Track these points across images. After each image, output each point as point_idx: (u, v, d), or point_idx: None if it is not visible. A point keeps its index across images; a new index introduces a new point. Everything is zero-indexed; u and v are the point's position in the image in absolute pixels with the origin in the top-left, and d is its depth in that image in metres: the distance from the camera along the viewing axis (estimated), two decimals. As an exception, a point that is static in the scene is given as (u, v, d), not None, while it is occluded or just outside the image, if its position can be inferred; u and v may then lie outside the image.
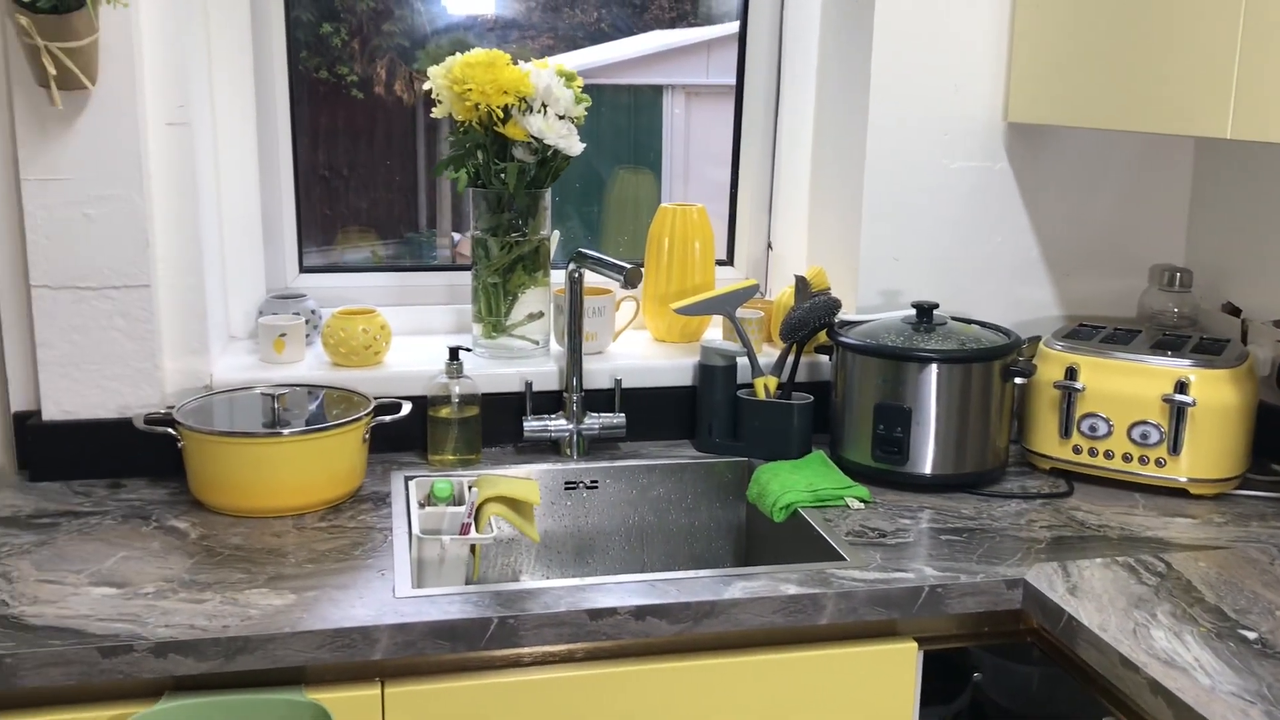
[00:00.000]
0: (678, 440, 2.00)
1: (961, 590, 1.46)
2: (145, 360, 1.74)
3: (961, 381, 1.75)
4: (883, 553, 1.55)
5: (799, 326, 1.88)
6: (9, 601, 1.35)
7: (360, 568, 1.46)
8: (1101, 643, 1.32)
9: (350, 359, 1.89)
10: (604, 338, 2.03)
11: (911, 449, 1.76)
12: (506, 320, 1.98)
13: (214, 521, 1.60)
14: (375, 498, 1.71)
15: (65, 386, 1.73)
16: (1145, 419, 1.74)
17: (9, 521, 1.59)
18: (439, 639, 1.33)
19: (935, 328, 1.80)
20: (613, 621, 1.38)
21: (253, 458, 1.59)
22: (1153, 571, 1.50)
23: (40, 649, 1.24)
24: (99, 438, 1.74)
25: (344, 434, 1.66)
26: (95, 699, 1.29)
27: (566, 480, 1.88)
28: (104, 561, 1.46)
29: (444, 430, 1.85)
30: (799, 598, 1.42)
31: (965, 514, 1.69)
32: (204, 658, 1.27)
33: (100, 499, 1.67)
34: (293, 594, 1.38)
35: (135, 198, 1.68)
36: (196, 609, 1.34)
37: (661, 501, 1.91)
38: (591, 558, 1.91)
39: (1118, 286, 2.13)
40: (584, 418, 1.91)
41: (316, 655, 1.30)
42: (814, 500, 1.71)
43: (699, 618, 1.40)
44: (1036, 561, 1.52)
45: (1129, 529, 1.65)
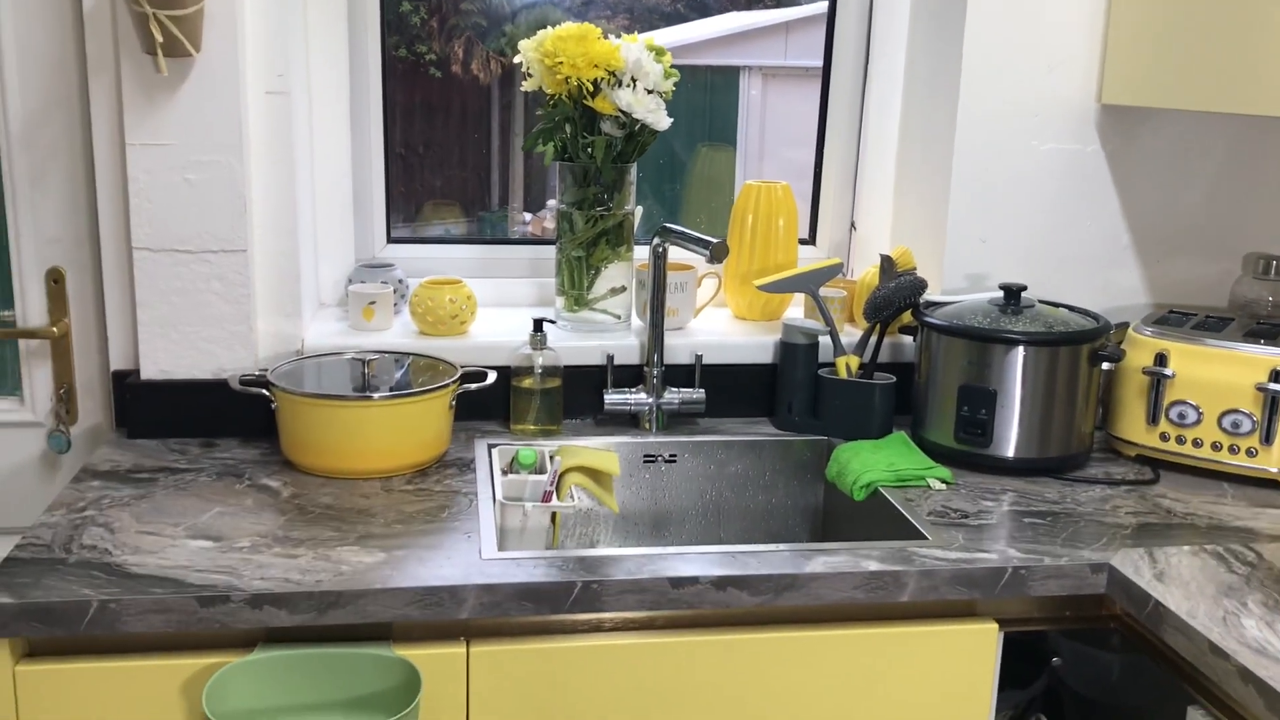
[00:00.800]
0: (756, 418, 2.00)
1: (1045, 573, 1.45)
2: (240, 323, 1.78)
3: (1048, 365, 1.73)
4: (965, 533, 1.54)
5: (883, 306, 1.87)
6: (111, 550, 1.40)
7: (447, 530, 1.49)
8: (1190, 629, 1.30)
9: (437, 328, 1.92)
10: (685, 314, 2.04)
11: (995, 431, 1.74)
12: (589, 294, 2.00)
13: (305, 481, 1.64)
14: (460, 463, 1.74)
15: (163, 347, 1.78)
16: (1237, 408, 1.71)
17: (109, 475, 1.64)
18: (524, 600, 1.35)
19: (1022, 310, 1.78)
20: (694, 590, 1.39)
21: (343, 420, 1.63)
22: (1243, 561, 1.47)
23: (142, 596, 1.28)
24: (194, 397, 1.79)
25: (431, 400, 1.69)
26: (192, 647, 1.33)
27: (645, 453, 1.89)
28: (200, 516, 1.51)
29: (526, 400, 1.87)
30: (880, 574, 1.42)
31: (1049, 498, 1.67)
32: (297, 611, 1.31)
33: (195, 457, 1.72)
34: (382, 552, 1.41)
35: (235, 164, 1.72)
36: (290, 563, 1.37)
37: (739, 478, 1.92)
38: (668, 531, 1.92)
39: (1210, 274, 2.09)
40: (664, 392, 1.93)
41: (405, 612, 1.33)
42: (895, 480, 1.71)
43: (779, 590, 1.40)
44: (1122, 547, 1.51)
45: (1217, 518, 1.62)
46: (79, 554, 1.38)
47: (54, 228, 1.85)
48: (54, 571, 1.33)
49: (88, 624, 1.27)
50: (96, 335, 1.88)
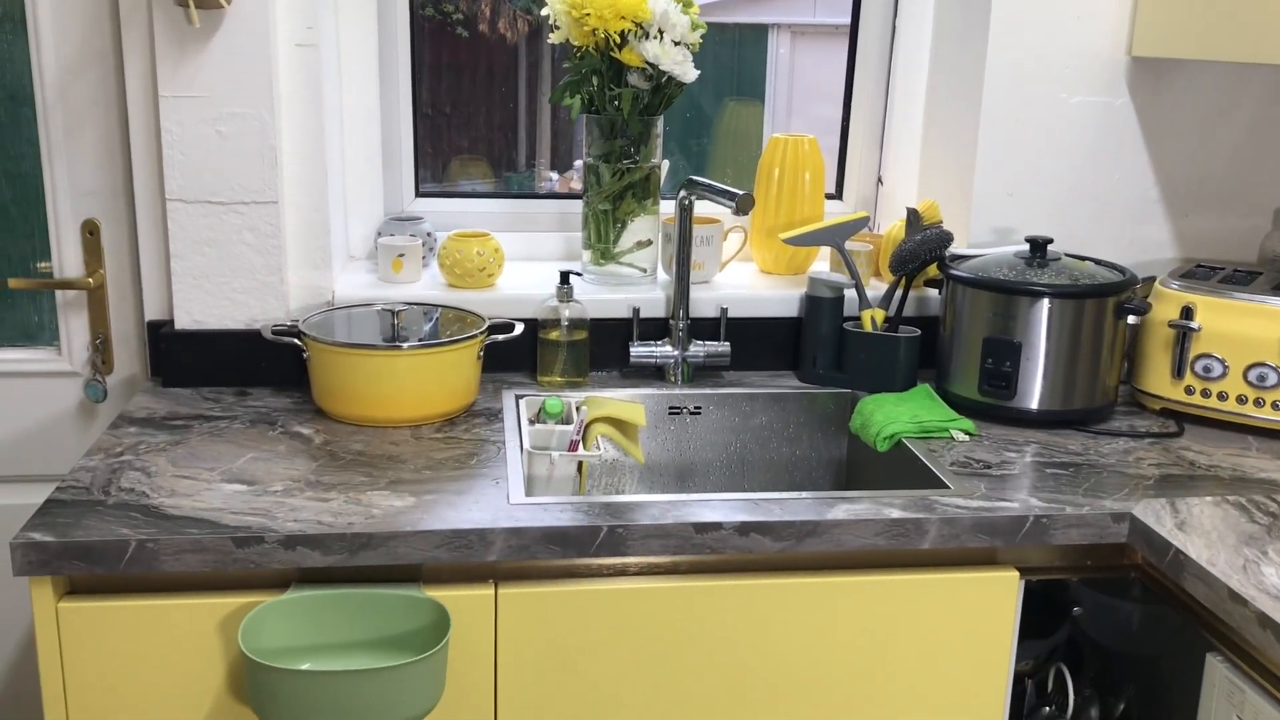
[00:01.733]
0: (781, 371, 2.01)
1: (1066, 521, 1.46)
2: (272, 274, 1.81)
3: (1073, 317, 1.73)
4: (987, 483, 1.55)
5: (909, 258, 1.88)
6: (149, 493, 1.43)
7: (476, 476, 1.52)
8: (1210, 576, 1.31)
9: (465, 280, 1.94)
10: (711, 267, 2.05)
11: (1019, 384, 1.75)
12: (615, 247, 2.01)
13: (336, 429, 1.67)
14: (488, 413, 1.76)
15: (196, 297, 1.81)
16: (1263, 361, 1.71)
17: (144, 422, 1.68)
18: (551, 544, 1.38)
19: (1048, 263, 1.78)
20: (717, 536, 1.41)
21: (374, 369, 1.66)
22: (1265, 511, 1.48)
23: (179, 536, 1.32)
24: (227, 347, 1.82)
25: (460, 350, 1.71)
26: (228, 587, 1.37)
27: (670, 405, 1.91)
28: (234, 461, 1.54)
29: (553, 352, 1.89)
30: (902, 521, 1.43)
31: (1072, 449, 1.68)
32: (329, 552, 1.34)
33: (229, 405, 1.76)
34: (412, 497, 1.44)
35: (265, 116, 1.74)
36: (322, 506, 1.41)
37: (763, 430, 1.94)
38: (693, 482, 1.94)
39: (1239, 229, 2.08)
40: (689, 345, 1.94)
41: (435, 554, 1.36)
42: (918, 431, 1.72)
43: (802, 536, 1.42)
44: (1144, 498, 1.52)
45: (1241, 470, 1.63)
46: (117, 496, 1.42)
47: (89, 180, 1.88)
48: (94, 513, 1.37)
49: (127, 563, 1.31)
50: (131, 286, 1.92)
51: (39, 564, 1.30)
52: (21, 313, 1.97)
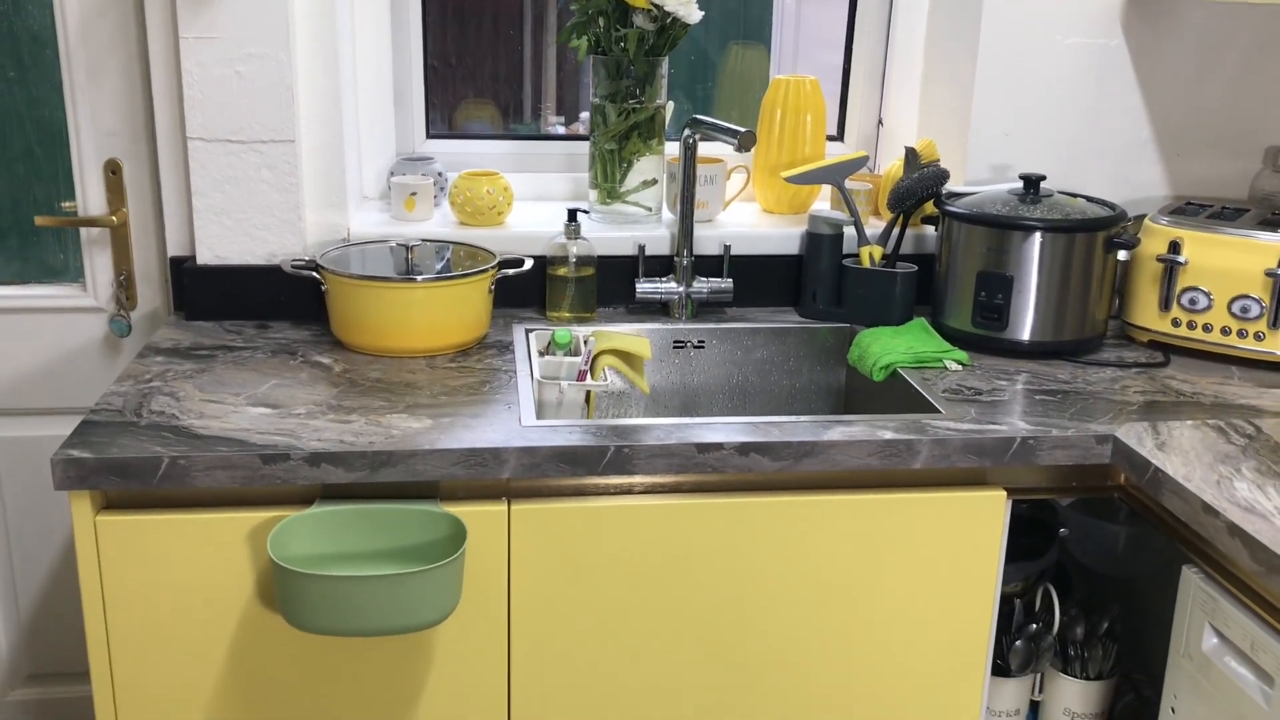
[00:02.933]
0: (783, 307, 2.08)
1: (1052, 443, 1.53)
2: (290, 212, 1.87)
3: (1064, 251, 1.79)
4: (977, 408, 1.62)
5: (907, 195, 1.94)
6: (178, 415, 1.51)
7: (489, 401, 1.59)
8: (1185, 491, 1.38)
9: (475, 218, 2.00)
10: (714, 206, 2.11)
11: (1011, 316, 1.82)
12: (621, 187, 2.07)
13: (354, 359, 1.74)
14: (499, 345, 1.83)
15: (217, 233, 1.87)
16: (1247, 293, 1.77)
17: (170, 352, 1.75)
18: (561, 462, 1.45)
19: (1041, 199, 1.84)
20: (718, 455, 1.48)
21: (390, 301, 1.72)
22: (1242, 434, 1.55)
23: (209, 454, 1.39)
24: (248, 282, 1.89)
25: (472, 283, 1.77)
26: (255, 503, 1.44)
27: (675, 339, 1.98)
28: (258, 387, 1.61)
29: (561, 288, 1.96)
30: (895, 442, 1.51)
31: (1061, 378, 1.75)
32: (352, 468, 1.42)
33: (250, 336, 1.83)
34: (429, 419, 1.52)
35: (282, 56, 1.80)
36: (344, 427, 1.48)
37: (765, 363, 2.01)
38: (696, 412, 2.02)
39: (1231, 169, 2.13)
40: (693, 281, 2.00)
41: (451, 471, 1.43)
42: (913, 361, 1.79)
43: (799, 456, 1.50)
44: (1127, 421, 1.58)
45: (1223, 397, 1.70)
46: (149, 418, 1.49)
47: (111, 121, 1.94)
48: (127, 432, 1.44)
49: (160, 478, 1.38)
50: (153, 224, 1.98)
51: (78, 479, 1.37)
52: (47, 251, 2.04)
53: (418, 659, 1.49)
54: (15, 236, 2.03)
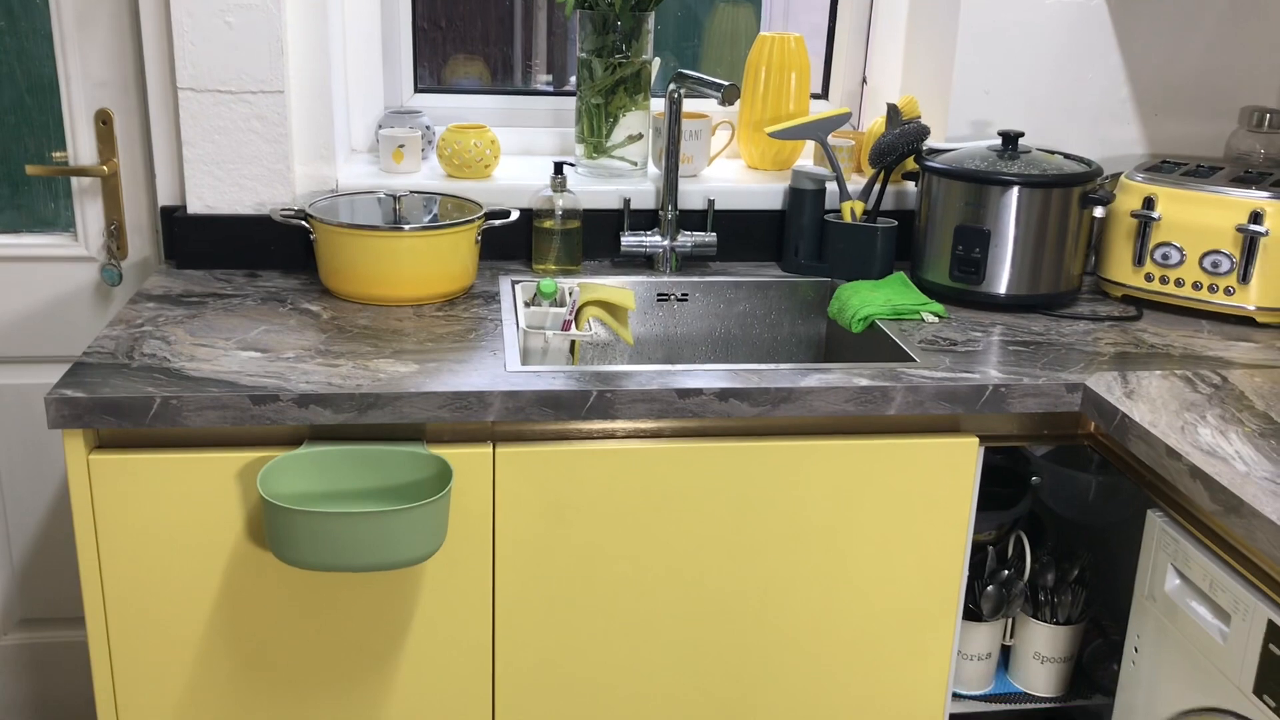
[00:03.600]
0: (765, 261, 2.11)
1: (1024, 391, 1.57)
2: (279, 162, 1.90)
3: (1041, 206, 1.83)
4: (952, 358, 1.66)
5: (888, 151, 1.97)
6: (170, 358, 1.54)
7: (475, 348, 1.62)
8: (1150, 436, 1.43)
9: (462, 170, 2.02)
10: (699, 161, 2.14)
11: (988, 269, 1.85)
12: (607, 141, 2.09)
13: (342, 307, 1.77)
14: (485, 296, 1.86)
15: (208, 183, 1.90)
16: (1218, 248, 1.81)
17: (161, 299, 1.77)
18: (544, 407, 1.49)
19: (1019, 155, 1.87)
20: (698, 401, 1.52)
21: (378, 250, 1.75)
22: (1208, 383, 1.59)
23: (200, 394, 1.43)
24: (238, 231, 1.91)
25: (459, 233, 1.80)
26: (244, 443, 1.48)
27: (659, 292, 2.01)
28: (248, 332, 1.64)
29: (547, 241, 1.99)
30: (870, 389, 1.54)
31: (1035, 330, 1.79)
32: (340, 410, 1.45)
33: (240, 285, 1.85)
34: (416, 364, 1.55)
35: (272, 7, 1.81)
36: (332, 371, 1.51)
37: (747, 316, 2.04)
38: (679, 363, 2.04)
39: (1208, 130, 2.16)
40: (678, 235, 2.04)
41: (437, 414, 1.47)
42: (891, 313, 1.83)
43: (777, 402, 1.53)
44: (1098, 371, 1.62)
45: (1192, 349, 1.74)
46: (140, 360, 1.52)
47: (101, 71, 1.95)
48: (119, 374, 1.48)
49: (152, 418, 1.42)
50: (144, 174, 2.00)
51: (72, 418, 1.40)
52: (39, 201, 2.06)
53: (404, 596, 1.53)
54: (7, 186, 2.05)
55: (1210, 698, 1.38)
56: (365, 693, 1.58)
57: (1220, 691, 1.35)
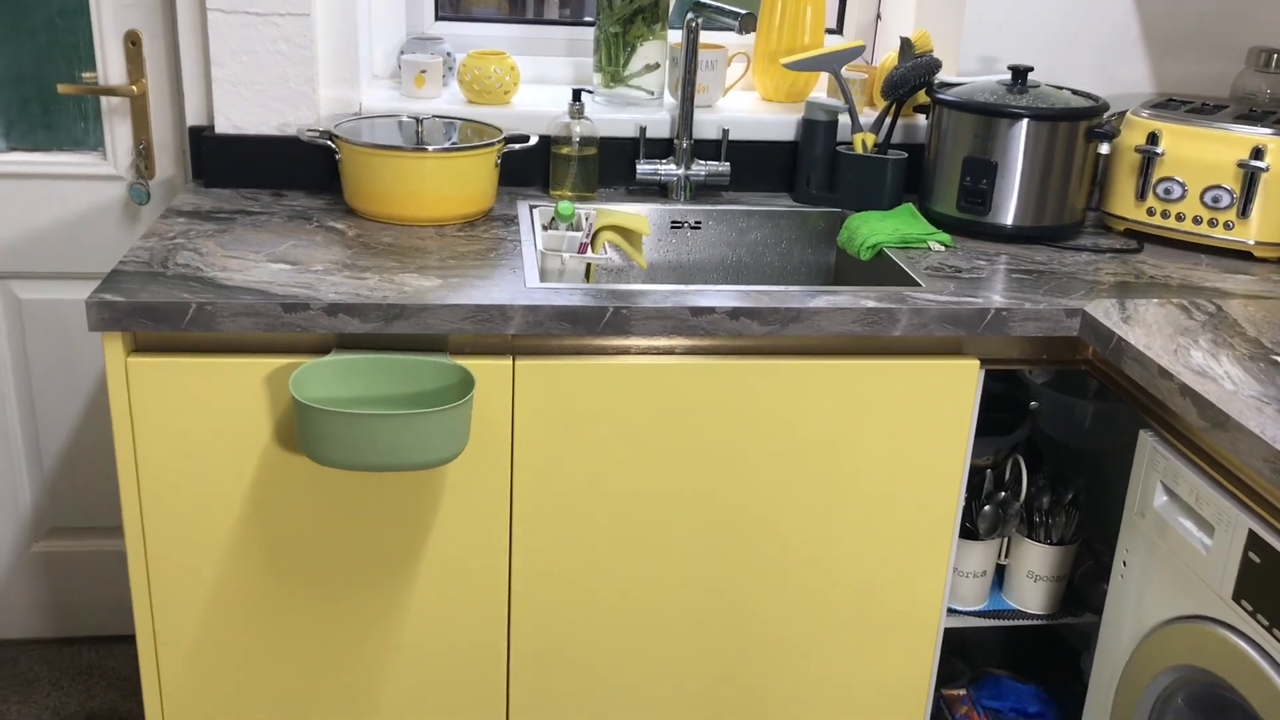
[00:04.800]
0: (777, 192, 2.16)
1: (1024, 315, 1.63)
2: (304, 84, 1.94)
3: (1047, 140, 1.87)
4: (957, 284, 1.72)
5: (900, 84, 2.01)
6: (203, 268, 1.60)
7: (495, 265, 1.68)
8: (1144, 358, 1.49)
9: (483, 96, 2.07)
10: (714, 91, 2.18)
11: (994, 200, 1.90)
12: (624, 70, 2.14)
13: (366, 225, 1.83)
14: (504, 219, 1.92)
15: (235, 104, 1.94)
16: (1219, 183, 1.85)
17: (191, 215, 1.83)
18: (563, 321, 1.55)
19: (1028, 89, 1.91)
20: (710, 319, 1.58)
21: (402, 170, 1.80)
22: (1203, 311, 1.65)
23: (234, 301, 1.49)
24: (264, 151, 1.96)
25: (479, 156, 1.85)
26: (275, 350, 1.54)
27: (673, 219, 2.07)
28: (277, 246, 1.70)
29: (564, 167, 2.04)
30: (876, 310, 1.60)
31: (1038, 260, 1.84)
32: (367, 319, 1.51)
33: (267, 203, 1.91)
34: (439, 279, 1.61)
35: (299, -70, 1.85)
36: (359, 283, 1.57)
37: (758, 245, 2.09)
38: (692, 291, 2.11)
39: (1216, 70, 2.19)
40: (692, 164, 2.08)
41: (460, 326, 1.53)
42: (899, 242, 1.88)
43: (786, 322, 1.59)
44: (1097, 298, 1.68)
45: (1190, 281, 1.79)
46: (175, 269, 1.58)
47: (130, -8, 1.99)
48: (155, 281, 1.54)
49: (188, 323, 1.48)
50: (171, 95, 2.05)
51: (111, 320, 1.47)
52: (69, 120, 2.11)
53: (426, 498, 1.60)
54: (37, 105, 2.10)
55: (1193, 606, 1.45)
56: (387, 589, 1.65)
57: (1202, 600, 1.43)
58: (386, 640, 1.68)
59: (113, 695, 2.26)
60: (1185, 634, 1.45)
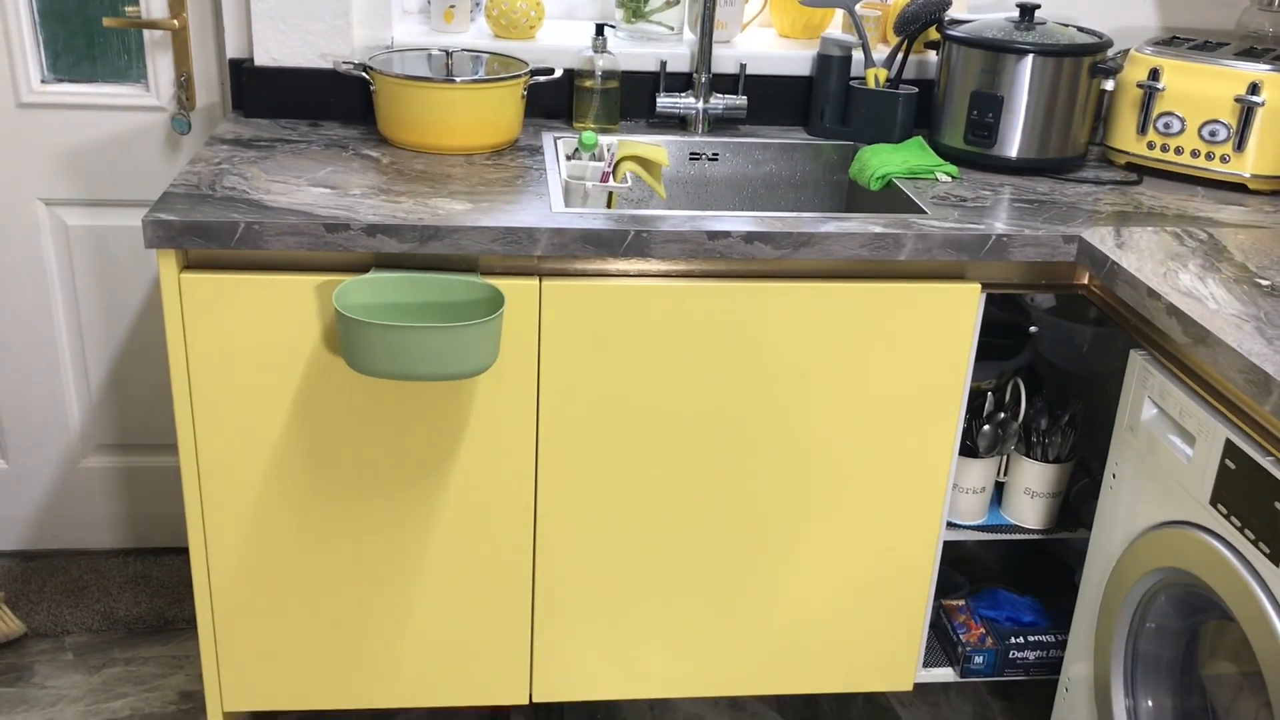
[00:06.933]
0: (792, 125, 2.24)
1: (1024, 241, 1.72)
2: (340, 18, 2.02)
3: (1052, 74, 1.95)
4: (961, 211, 1.80)
5: (911, 20, 2.08)
6: (248, 191, 1.70)
7: (522, 191, 1.78)
8: (1135, 280, 1.58)
9: (509, 31, 2.15)
10: (733, 27, 2.25)
11: (1000, 134, 1.98)
12: (645, 6, 2.21)
13: (399, 154, 1.92)
14: (529, 149, 2.01)
15: (274, 37, 2.03)
16: (1216, 118, 1.93)
17: (233, 143, 1.93)
18: (587, 243, 1.65)
19: (1034, 26, 1.98)
20: (726, 243, 1.67)
21: (434, 100, 1.89)
22: (1194, 239, 1.73)
23: (280, 221, 1.59)
24: (301, 83, 2.05)
25: (506, 87, 1.94)
26: (318, 268, 1.64)
27: (691, 151, 2.15)
28: (316, 172, 1.80)
29: (587, 99, 2.12)
30: (883, 235, 1.69)
31: (1040, 191, 1.93)
32: (404, 240, 1.61)
33: (304, 132, 2.00)
34: (470, 203, 1.70)
35: None
36: (395, 206, 1.67)
37: (773, 176, 2.18)
38: (709, 220, 2.20)
39: (1223, 9, 2.25)
40: (710, 98, 2.16)
41: (490, 247, 1.63)
42: (907, 172, 1.96)
43: (797, 246, 1.69)
44: (1094, 226, 1.76)
45: (1185, 211, 1.87)
46: (223, 192, 1.68)
47: (171, -73, 2.08)
48: (205, 202, 1.64)
49: (237, 241, 1.58)
50: (212, 29, 2.14)
51: (165, 238, 1.57)
52: (113, 53, 2.20)
53: (459, 407, 1.71)
54: (82, 38, 2.19)
55: (1175, 512, 1.55)
56: (421, 494, 1.77)
57: (1183, 506, 1.53)
58: (420, 541, 1.80)
59: (158, 601, 2.40)
60: (1168, 538, 1.56)
